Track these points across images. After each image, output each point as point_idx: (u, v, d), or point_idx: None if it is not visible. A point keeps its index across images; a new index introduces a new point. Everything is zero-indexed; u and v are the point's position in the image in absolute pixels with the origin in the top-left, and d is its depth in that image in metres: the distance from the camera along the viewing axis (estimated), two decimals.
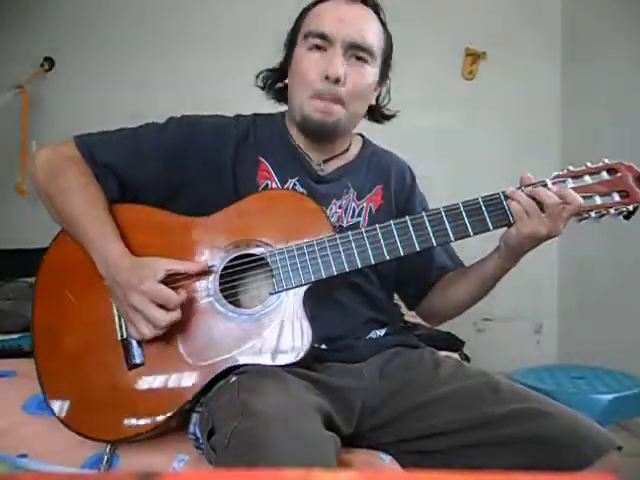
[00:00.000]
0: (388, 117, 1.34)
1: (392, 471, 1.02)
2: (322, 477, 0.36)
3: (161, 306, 1.01)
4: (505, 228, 1.08)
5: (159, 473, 0.36)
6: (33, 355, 1.12)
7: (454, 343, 2.16)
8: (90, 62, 2.76)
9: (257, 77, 1.30)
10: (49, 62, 2.75)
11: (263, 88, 1.31)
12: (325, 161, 1.24)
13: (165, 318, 1.01)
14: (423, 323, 1.49)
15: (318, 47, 1.15)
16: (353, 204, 1.22)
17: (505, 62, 2.81)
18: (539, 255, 2.83)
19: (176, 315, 1.02)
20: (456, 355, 1.82)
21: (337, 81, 1.14)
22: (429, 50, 2.76)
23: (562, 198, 1.02)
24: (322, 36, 1.14)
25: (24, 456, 1.06)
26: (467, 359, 2.02)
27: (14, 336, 1.78)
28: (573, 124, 2.80)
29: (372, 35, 1.18)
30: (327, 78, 1.13)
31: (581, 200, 1.03)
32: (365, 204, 1.23)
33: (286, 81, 1.25)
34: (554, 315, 2.88)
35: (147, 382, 1.05)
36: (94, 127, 1.22)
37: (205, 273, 1.08)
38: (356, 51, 1.16)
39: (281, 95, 1.29)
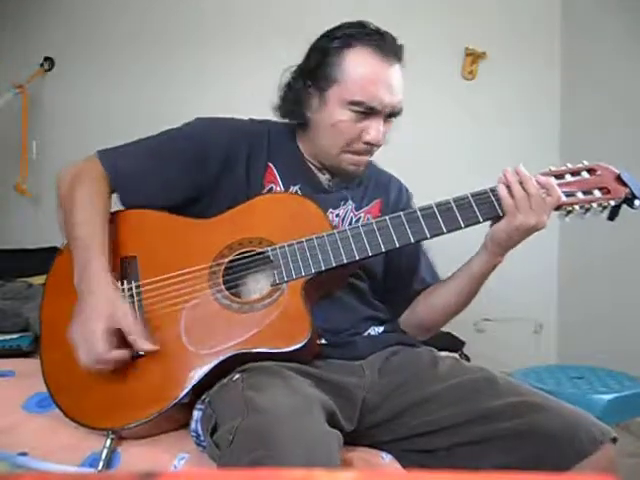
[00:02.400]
0: None
1: (392, 471, 1.02)
2: (323, 477, 0.36)
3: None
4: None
5: (159, 473, 0.36)
6: (38, 348, 1.15)
7: (454, 343, 2.17)
8: (90, 62, 2.76)
9: (278, 106, 1.28)
10: (49, 62, 2.75)
11: (278, 114, 1.29)
12: (333, 176, 1.29)
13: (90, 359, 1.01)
14: None
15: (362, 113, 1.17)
16: (351, 214, 1.27)
17: (505, 62, 2.81)
18: (539, 255, 2.85)
19: (101, 367, 1.02)
20: (456, 355, 1.82)
21: (375, 145, 1.20)
22: (429, 50, 2.76)
23: (544, 187, 1.08)
24: (370, 108, 1.17)
25: (24, 454, 1.06)
26: (467, 359, 2.02)
27: (14, 336, 1.78)
28: (573, 124, 2.80)
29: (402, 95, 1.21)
30: (368, 143, 1.19)
31: (560, 193, 1.08)
32: (363, 215, 1.28)
33: (307, 113, 1.23)
34: (554, 315, 2.88)
35: (149, 371, 1.07)
36: (94, 127, 1.23)
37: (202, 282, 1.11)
38: (391, 117, 1.21)
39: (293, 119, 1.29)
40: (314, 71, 1.22)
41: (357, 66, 1.18)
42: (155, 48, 2.76)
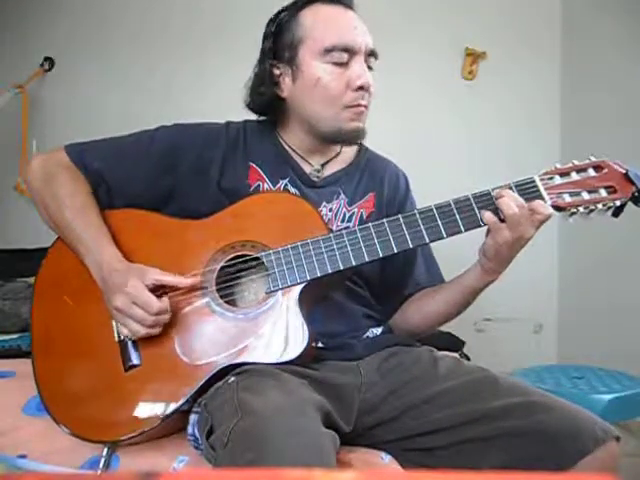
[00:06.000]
0: None
1: (392, 471, 1.02)
2: (322, 477, 0.36)
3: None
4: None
5: (159, 473, 0.36)
6: (31, 357, 1.13)
7: (454, 343, 2.17)
8: (90, 62, 2.76)
9: (248, 101, 1.27)
10: (49, 62, 2.75)
11: (253, 109, 1.28)
12: (323, 164, 1.26)
13: (149, 318, 1.02)
14: None
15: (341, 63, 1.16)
16: (344, 209, 1.23)
17: (505, 62, 2.81)
18: (539, 255, 2.85)
19: (162, 318, 1.03)
20: (456, 355, 1.82)
21: (367, 89, 1.18)
22: (429, 50, 2.76)
23: (531, 209, 1.02)
24: (346, 49, 1.15)
25: (23, 457, 1.06)
26: (467, 359, 2.02)
27: (13, 336, 1.79)
28: (573, 124, 2.80)
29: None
30: (361, 88, 1.16)
31: (551, 210, 1.03)
32: (356, 210, 1.25)
33: (282, 94, 1.22)
34: (554, 315, 2.87)
35: (144, 382, 1.05)
36: (93, 127, 1.23)
37: (197, 287, 1.09)
38: (369, 58, 1.19)
39: (268, 108, 1.27)
40: (275, 47, 1.21)
41: (317, 19, 1.18)
42: (155, 48, 2.76)
